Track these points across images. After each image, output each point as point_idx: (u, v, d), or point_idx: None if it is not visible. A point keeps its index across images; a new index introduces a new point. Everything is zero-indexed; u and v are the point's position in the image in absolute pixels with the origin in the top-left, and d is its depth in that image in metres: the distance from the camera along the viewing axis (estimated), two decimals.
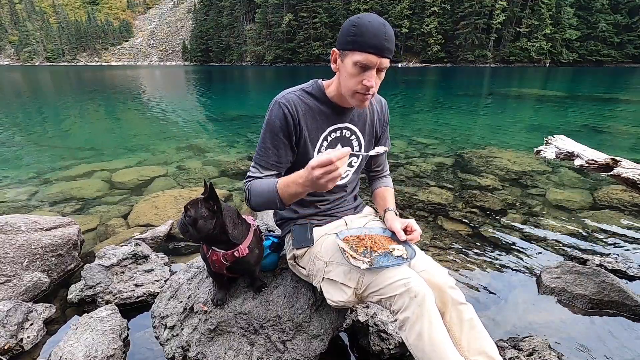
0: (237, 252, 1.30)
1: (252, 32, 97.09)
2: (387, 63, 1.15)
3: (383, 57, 1.13)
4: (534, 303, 2.03)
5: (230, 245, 1.30)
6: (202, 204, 1.22)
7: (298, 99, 1.28)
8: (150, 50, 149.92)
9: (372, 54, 1.11)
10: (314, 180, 1.01)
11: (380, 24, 1.11)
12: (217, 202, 1.22)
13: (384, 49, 1.11)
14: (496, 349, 1.13)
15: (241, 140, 6.41)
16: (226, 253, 1.30)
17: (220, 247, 1.31)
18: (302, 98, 1.29)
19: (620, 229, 2.89)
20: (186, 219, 1.21)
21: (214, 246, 1.32)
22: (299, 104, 1.28)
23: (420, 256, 1.26)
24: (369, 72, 1.14)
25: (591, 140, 5.43)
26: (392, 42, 1.14)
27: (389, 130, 1.54)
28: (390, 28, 1.14)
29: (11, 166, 4.85)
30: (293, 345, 1.39)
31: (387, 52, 1.13)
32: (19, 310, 1.70)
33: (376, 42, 1.10)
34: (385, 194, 1.54)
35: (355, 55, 1.12)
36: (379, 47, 1.10)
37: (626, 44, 63.14)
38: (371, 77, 1.14)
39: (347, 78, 1.18)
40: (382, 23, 1.12)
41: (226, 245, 1.30)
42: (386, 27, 1.12)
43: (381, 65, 1.15)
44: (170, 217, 2.97)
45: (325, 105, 1.31)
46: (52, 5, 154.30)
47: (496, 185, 3.91)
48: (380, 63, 1.14)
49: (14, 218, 2.28)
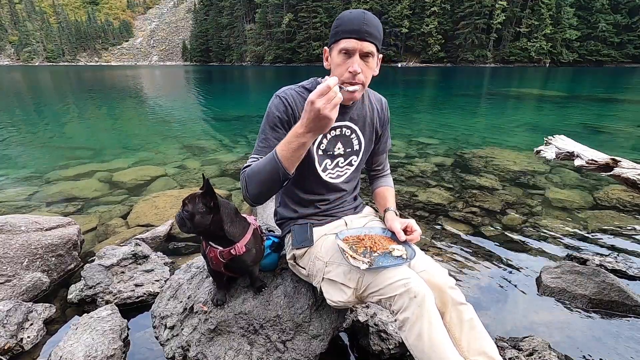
0: (233, 250, 1.30)
1: (252, 32, 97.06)
2: (369, 47, 1.18)
3: (364, 40, 1.16)
4: (534, 303, 2.03)
5: (227, 243, 1.30)
6: (200, 199, 1.23)
7: (297, 95, 1.30)
8: (150, 50, 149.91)
9: (352, 38, 1.16)
10: (317, 114, 0.99)
11: (359, 12, 1.17)
12: (214, 198, 1.23)
13: (363, 32, 1.15)
14: (496, 349, 1.13)
15: (241, 140, 6.41)
16: (223, 250, 1.30)
17: (217, 243, 1.32)
18: (301, 94, 1.31)
19: (620, 229, 2.89)
20: (184, 213, 1.23)
21: (212, 242, 1.33)
22: (298, 99, 1.29)
23: (420, 256, 1.26)
24: (353, 57, 1.18)
25: (591, 140, 5.43)
26: (374, 27, 1.16)
27: (389, 129, 1.54)
28: (371, 16, 1.17)
29: (11, 166, 4.84)
30: (293, 345, 1.39)
31: (367, 35, 1.16)
32: (19, 310, 1.70)
33: (354, 26, 1.15)
34: (386, 194, 1.54)
35: (339, 44, 1.18)
36: (358, 30, 1.14)
37: (626, 44, 63.07)
38: (354, 62, 1.17)
39: (335, 69, 1.22)
40: (362, 11, 1.17)
41: (223, 241, 1.31)
42: (366, 14, 1.16)
43: (363, 49, 1.17)
44: (170, 217, 2.97)
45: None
46: (52, 5, 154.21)
47: (496, 185, 3.91)
48: (362, 47, 1.16)
49: (14, 218, 2.28)
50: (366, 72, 1.22)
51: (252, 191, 1.16)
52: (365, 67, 1.20)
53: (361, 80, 1.20)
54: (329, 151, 1.38)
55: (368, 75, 1.23)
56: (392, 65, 67.74)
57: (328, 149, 1.37)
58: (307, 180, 1.42)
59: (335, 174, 1.43)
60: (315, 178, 1.40)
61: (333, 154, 1.39)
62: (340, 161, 1.41)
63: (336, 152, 1.39)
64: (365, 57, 1.19)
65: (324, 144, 1.36)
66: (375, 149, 1.53)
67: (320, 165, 1.38)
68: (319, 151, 1.36)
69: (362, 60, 1.19)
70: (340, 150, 1.39)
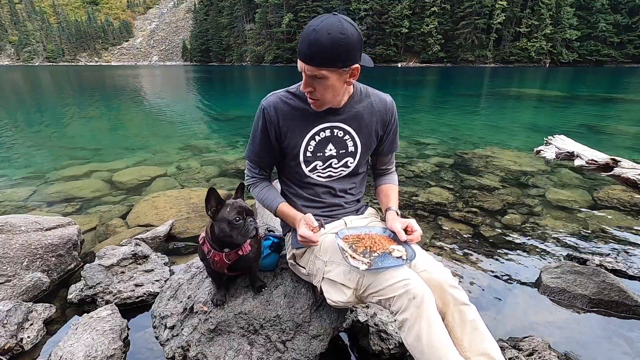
0: (240, 250, 1.31)
1: (252, 32, 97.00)
2: (311, 70, 1.13)
3: (306, 63, 1.12)
4: (534, 303, 2.02)
5: (236, 244, 1.32)
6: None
7: (280, 101, 1.33)
8: (150, 50, 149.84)
9: (299, 58, 1.15)
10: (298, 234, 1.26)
11: (310, 30, 1.08)
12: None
13: (305, 54, 1.11)
14: (499, 351, 1.11)
15: (241, 140, 6.41)
16: (229, 252, 1.31)
17: (227, 246, 1.33)
18: (284, 99, 1.33)
19: (620, 229, 2.89)
20: (255, 223, 1.29)
21: (228, 247, 1.33)
22: (279, 106, 1.32)
23: (422, 256, 1.26)
24: (304, 77, 1.18)
25: (591, 140, 5.42)
26: (319, 48, 1.07)
27: (398, 130, 1.50)
28: (319, 36, 1.06)
29: (11, 166, 4.84)
30: (293, 345, 1.39)
31: (310, 57, 1.10)
32: (19, 310, 1.70)
33: (301, 47, 1.12)
34: (389, 192, 1.52)
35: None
36: (302, 52, 1.12)
37: (626, 44, 63.06)
38: (304, 82, 1.19)
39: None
40: (312, 30, 1.07)
41: (232, 244, 1.32)
42: (316, 32, 1.06)
43: (307, 72, 1.14)
44: (170, 217, 2.97)
45: (310, 105, 1.31)
46: (52, 5, 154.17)
47: (496, 185, 3.91)
48: (306, 70, 1.14)
49: (14, 218, 2.28)
50: (321, 91, 1.19)
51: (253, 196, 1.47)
52: (320, 85, 1.17)
53: (316, 97, 1.23)
54: (318, 152, 1.38)
55: (324, 92, 1.20)
56: (392, 65, 67.75)
57: (317, 151, 1.37)
58: (298, 179, 1.44)
59: (326, 174, 1.43)
60: (304, 178, 1.42)
61: (324, 155, 1.38)
62: (333, 162, 1.41)
63: (327, 154, 1.38)
64: (313, 78, 1.15)
65: (311, 146, 1.36)
66: (379, 150, 1.50)
67: (308, 166, 1.40)
68: (307, 153, 1.37)
69: (314, 80, 1.16)
70: (332, 152, 1.38)
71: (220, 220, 1.26)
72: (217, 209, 1.27)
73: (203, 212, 3.08)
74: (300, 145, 1.35)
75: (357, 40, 1.12)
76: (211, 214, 1.28)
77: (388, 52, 72.47)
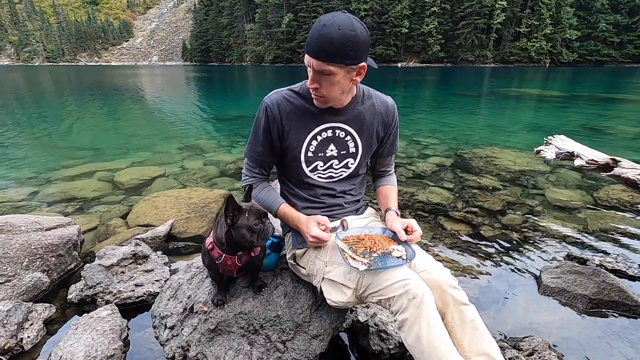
0: (252, 252, 1.33)
1: (252, 32, 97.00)
2: (322, 66, 1.12)
3: (316, 59, 1.12)
4: (534, 303, 2.02)
5: (252, 248, 1.34)
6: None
7: (283, 99, 1.32)
8: (150, 50, 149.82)
9: (307, 53, 1.14)
10: (306, 237, 1.31)
11: (320, 25, 1.08)
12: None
13: (314, 48, 1.11)
14: (499, 351, 1.12)
15: (241, 141, 6.41)
16: (242, 255, 1.32)
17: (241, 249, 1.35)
18: (287, 97, 1.32)
19: (620, 229, 2.89)
20: (271, 224, 1.31)
21: (241, 250, 1.34)
22: (283, 104, 1.31)
23: (421, 256, 1.26)
24: (310, 73, 1.17)
25: (591, 140, 5.43)
26: (329, 42, 1.07)
27: (398, 132, 1.51)
28: (330, 30, 1.06)
29: (11, 166, 4.84)
30: (293, 345, 1.39)
31: (320, 54, 1.10)
32: (19, 310, 1.70)
33: (310, 41, 1.11)
34: (388, 192, 1.53)
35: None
36: (311, 45, 1.12)
37: (626, 44, 63.06)
38: (311, 78, 1.18)
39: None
40: (323, 25, 1.07)
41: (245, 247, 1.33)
42: (324, 29, 1.06)
43: (315, 67, 1.14)
44: (170, 217, 2.97)
45: (313, 105, 1.31)
46: (52, 5, 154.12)
47: (496, 185, 3.91)
48: (314, 65, 1.13)
49: (14, 218, 2.28)
50: (327, 88, 1.19)
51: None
52: (326, 82, 1.17)
53: (321, 94, 1.21)
54: (319, 152, 1.37)
55: (330, 89, 1.19)
56: (392, 65, 67.73)
57: (318, 151, 1.37)
58: (298, 180, 1.43)
59: (327, 175, 1.42)
60: (304, 178, 1.42)
61: (325, 155, 1.38)
62: (334, 163, 1.40)
63: (328, 154, 1.38)
64: (320, 74, 1.15)
65: (313, 146, 1.36)
66: (379, 151, 1.50)
67: (309, 167, 1.39)
68: (308, 152, 1.37)
69: (321, 75, 1.16)
70: (333, 152, 1.38)
71: (241, 227, 1.25)
72: (234, 216, 1.26)
73: (203, 212, 3.08)
74: (301, 145, 1.35)
75: (366, 39, 1.12)
76: (230, 222, 1.27)
77: (388, 52, 72.46)
